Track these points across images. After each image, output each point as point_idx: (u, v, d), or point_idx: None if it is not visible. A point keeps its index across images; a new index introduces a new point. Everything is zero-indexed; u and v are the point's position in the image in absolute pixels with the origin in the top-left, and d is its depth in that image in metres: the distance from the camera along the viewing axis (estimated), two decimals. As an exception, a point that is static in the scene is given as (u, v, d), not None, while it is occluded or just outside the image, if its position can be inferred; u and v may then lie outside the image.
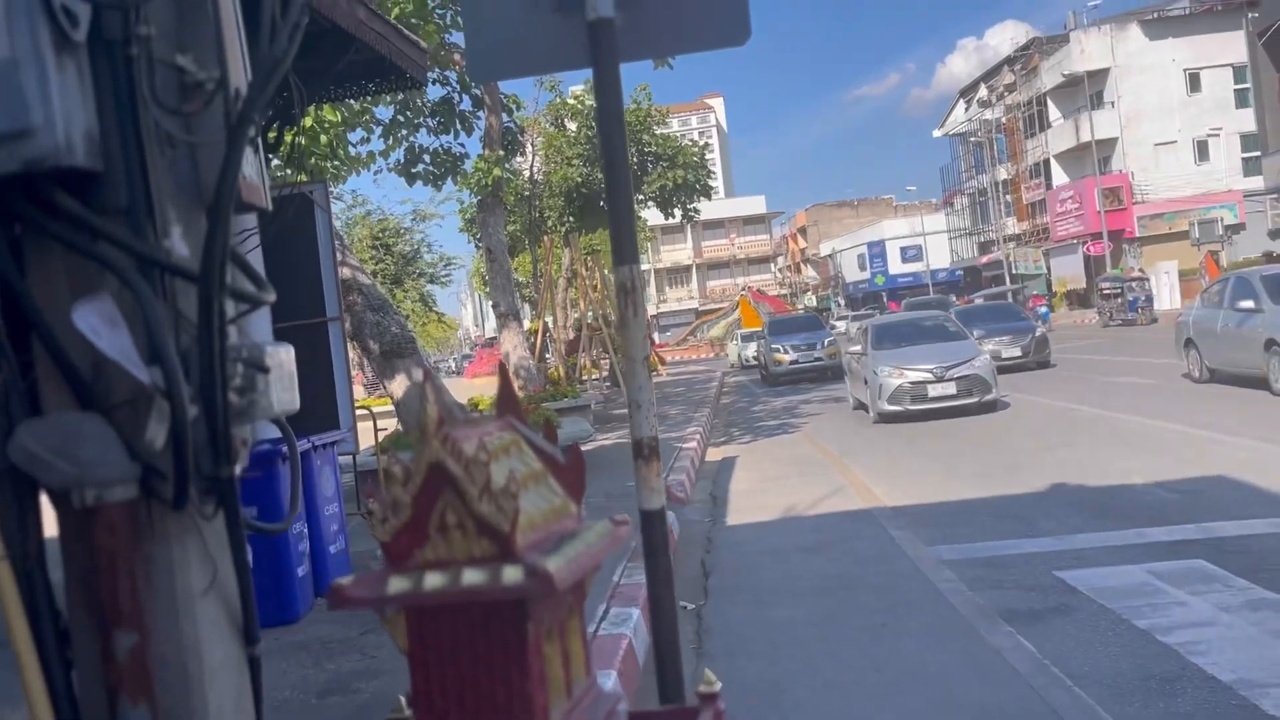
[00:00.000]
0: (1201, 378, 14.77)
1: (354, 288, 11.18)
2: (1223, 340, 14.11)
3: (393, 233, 30.70)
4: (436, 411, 1.43)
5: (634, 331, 2.34)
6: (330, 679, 4.92)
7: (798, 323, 29.70)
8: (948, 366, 14.37)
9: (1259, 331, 12.95)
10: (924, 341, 15.66)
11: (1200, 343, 14.80)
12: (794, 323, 29.69)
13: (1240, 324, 13.52)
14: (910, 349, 15.28)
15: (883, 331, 16.60)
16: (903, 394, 14.27)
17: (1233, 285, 14.31)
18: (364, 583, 1.42)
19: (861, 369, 15.64)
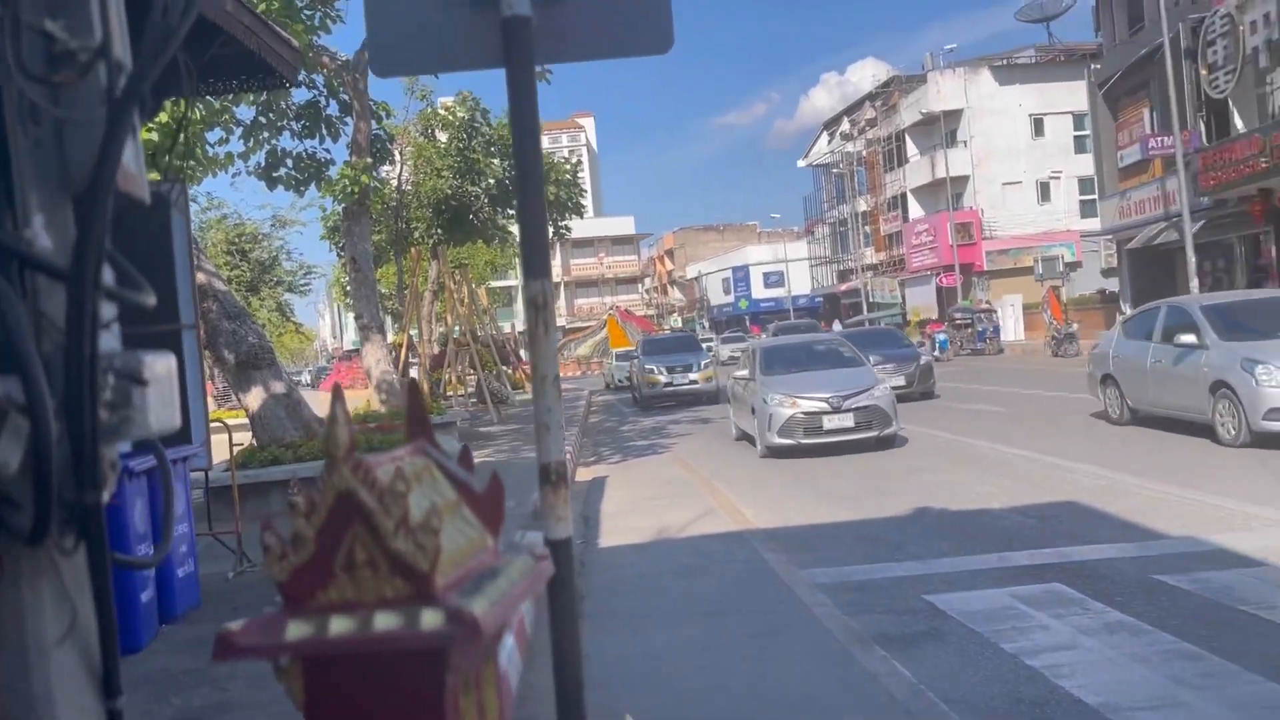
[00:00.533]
0: (1121, 418, 13.25)
1: (209, 294, 10.62)
2: (1153, 378, 12.39)
3: (250, 238, 29.51)
4: (347, 434, 1.26)
5: (545, 348, 2.20)
6: (177, 715, 4.56)
7: (673, 343, 28.11)
8: (845, 396, 13.00)
9: (1203, 371, 11.21)
10: (818, 367, 14.43)
11: (1123, 379, 13.18)
12: (669, 343, 28.11)
13: (1178, 361, 11.79)
14: (803, 375, 14.02)
15: (773, 355, 15.14)
16: (795, 426, 12.89)
17: (1165, 316, 12.58)
18: (256, 628, 1.24)
19: (748, 396, 14.22)
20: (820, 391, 13.08)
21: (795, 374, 14.05)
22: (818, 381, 13.54)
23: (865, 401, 12.96)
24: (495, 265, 41.34)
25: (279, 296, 31.96)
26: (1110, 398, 13.56)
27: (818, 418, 12.88)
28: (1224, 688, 4.38)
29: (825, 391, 13.05)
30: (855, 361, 14.71)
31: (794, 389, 13.26)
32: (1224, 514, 7.70)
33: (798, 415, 12.91)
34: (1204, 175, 25.56)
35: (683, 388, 24.36)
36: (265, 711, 4.42)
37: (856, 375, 13.86)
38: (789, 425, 12.90)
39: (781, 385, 13.47)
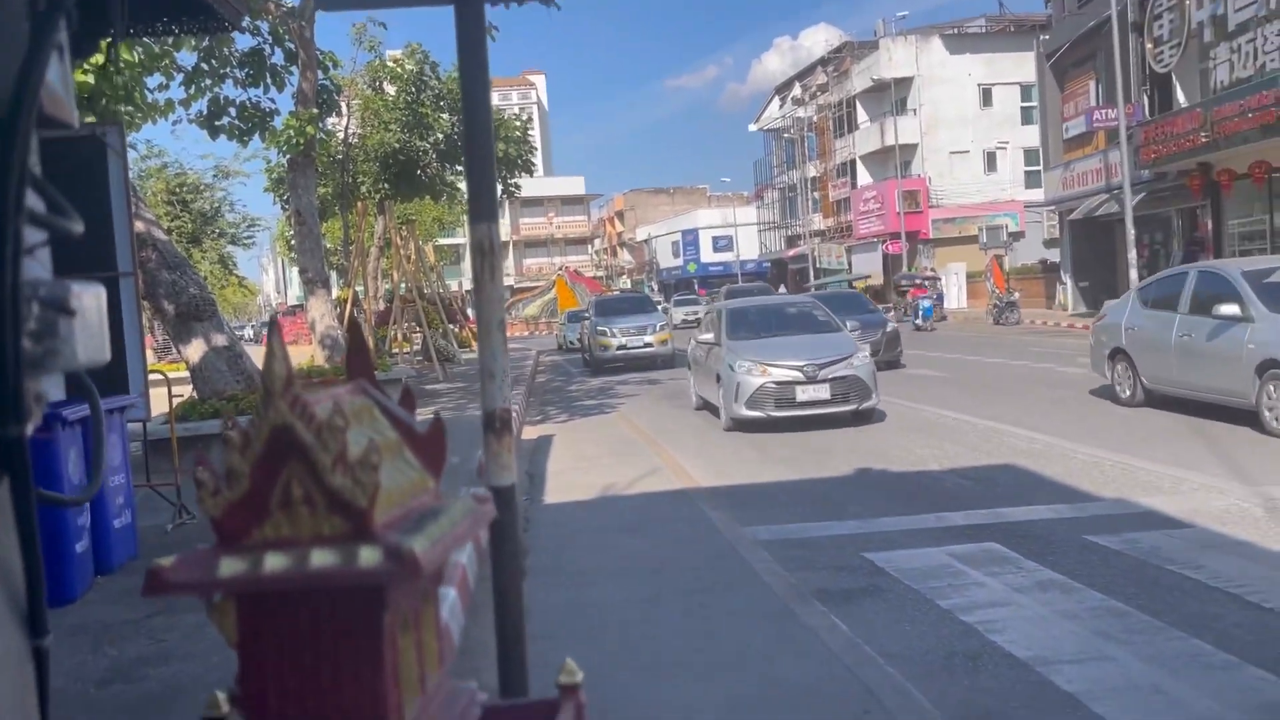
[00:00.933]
0: (1133, 399, 11.70)
1: (148, 243, 10.37)
2: (1178, 355, 10.82)
3: (191, 188, 28.78)
4: (285, 368, 1.23)
5: (490, 294, 2.17)
6: (112, 665, 4.50)
7: (627, 304, 26.38)
8: (821, 364, 11.75)
9: (1248, 349, 9.57)
10: (790, 331, 13.13)
11: (1138, 355, 11.59)
12: (623, 303, 26.44)
13: (1213, 336, 10.16)
14: (774, 341, 12.73)
15: (740, 318, 13.76)
16: (765, 397, 11.70)
17: (1196, 282, 10.91)
18: (188, 564, 1.22)
19: (712, 363, 12.94)
20: (793, 359, 11.86)
21: (765, 339, 12.83)
22: (791, 348, 12.30)
23: (843, 371, 11.74)
24: (443, 222, 40.84)
25: (221, 249, 31.30)
26: (1120, 375, 11.99)
27: (790, 388, 11.68)
28: (1148, 643, 4.53)
29: (799, 359, 11.84)
30: (831, 326, 13.43)
31: (764, 356, 12.02)
32: (1153, 477, 7.92)
33: (768, 385, 11.70)
34: (1146, 148, 26.00)
35: (637, 351, 23.05)
36: (202, 662, 4.38)
37: (833, 342, 12.59)
38: (758, 396, 11.73)
39: (750, 351, 12.24)
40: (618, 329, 23.22)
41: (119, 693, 4.15)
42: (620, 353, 23.02)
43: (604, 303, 26.81)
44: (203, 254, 28.76)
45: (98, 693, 4.17)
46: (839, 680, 4.18)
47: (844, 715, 3.80)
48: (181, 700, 3.99)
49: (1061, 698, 4.02)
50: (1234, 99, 22.60)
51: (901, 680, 4.18)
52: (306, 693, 1.27)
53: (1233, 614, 4.84)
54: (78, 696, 4.10)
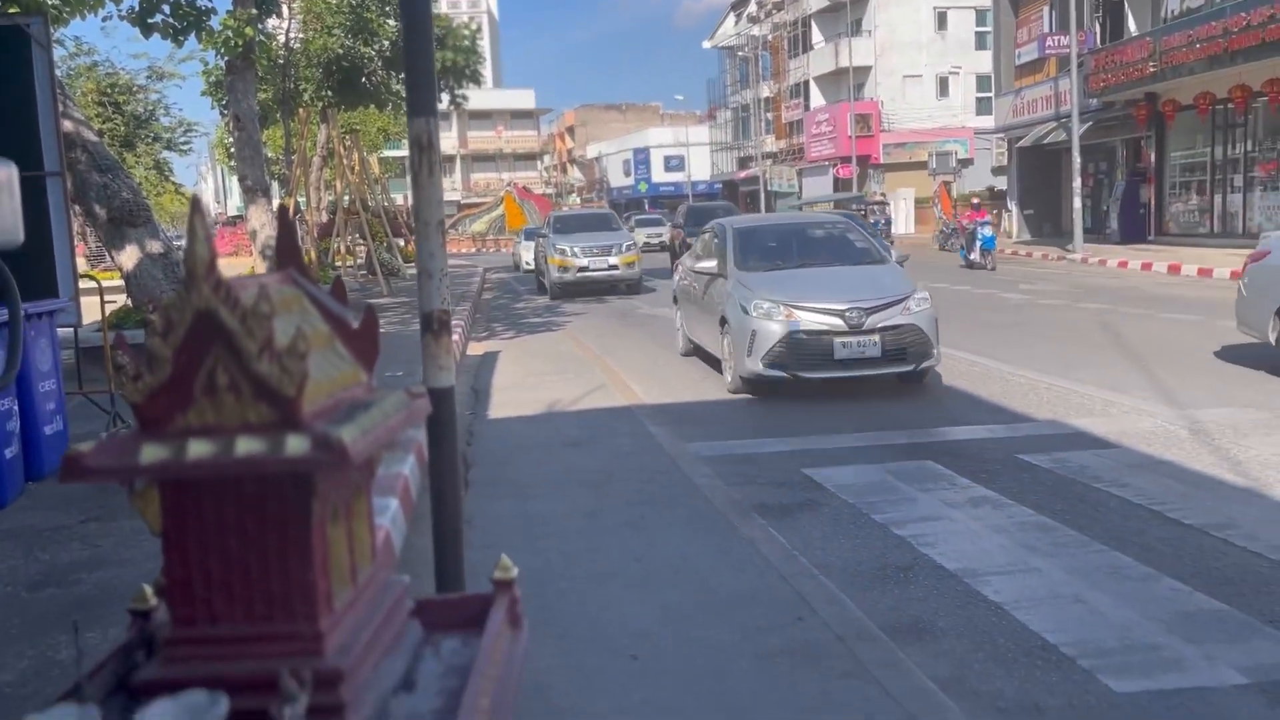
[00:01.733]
0: None
1: (77, 143, 9.99)
2: None
3: (124, 89, 27.65)
4: (208, 250, 1.19)
5: (429, 193, 2.12)
6: (44, 570, 4.45)
7: (589, 220, 23.59)
8: (868, 308, 8.55)
9: None
10: (820, 261, 9.91)
11: None
12: (585, 220, 23.65)
13: None
14: (802, 274, 9.44)
15: (752, 241, 10.25)
16: (792, 350, 8.49)
17: None
18: (108, 450, 1.18)
19: (713, 300, 9.81)
20: (830, 299, 8.67)
21: (788, 271, 9.59)
22: (825, 284, 9.13)
23: (898, 318, 8.56)
24: (388, 133, 39.88)
25: (156, 154, 30.26)
26: None
27: (826, 340, 8.48)
28: (1072, 556, 4.69)
29: (838, 300, 8.64)
30: (873, 255, 10.09)
31: (790, 293, 8.83)
32: (1085, 400, 8.12)
33: (797, 335, 8.50)
34: (1095, 77, 26.13)
35: (600, 274, 20.54)
36: (137, 569, 4.35)
37: (880, 277, 9.36)
38: (781, 349, 8.51)
39: (771, 287, 9.01)
40: (579, 249, 20.70)
41: (51, 596, 4.11)
42: (581, 275, 20.49)
43: (564, 219, 23.92)
44: (136, 159, 27.79)
45: (30, 595, 4.12)
46: (774, 590, 4.28)
47: (777, 622, 3.90)
48: (115, 604, 3.96)
49: (988, 607, 4.15)
50: (1183, 29, 22.72)
51: (835, 590, 4.29)
52: (234, 582, 1.25)
53: (1154, 529, 5.03)
54: (9, 599, 4.06)
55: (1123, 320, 12.88)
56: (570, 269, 20.52)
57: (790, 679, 3.42)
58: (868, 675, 3.39)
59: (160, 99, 29.45)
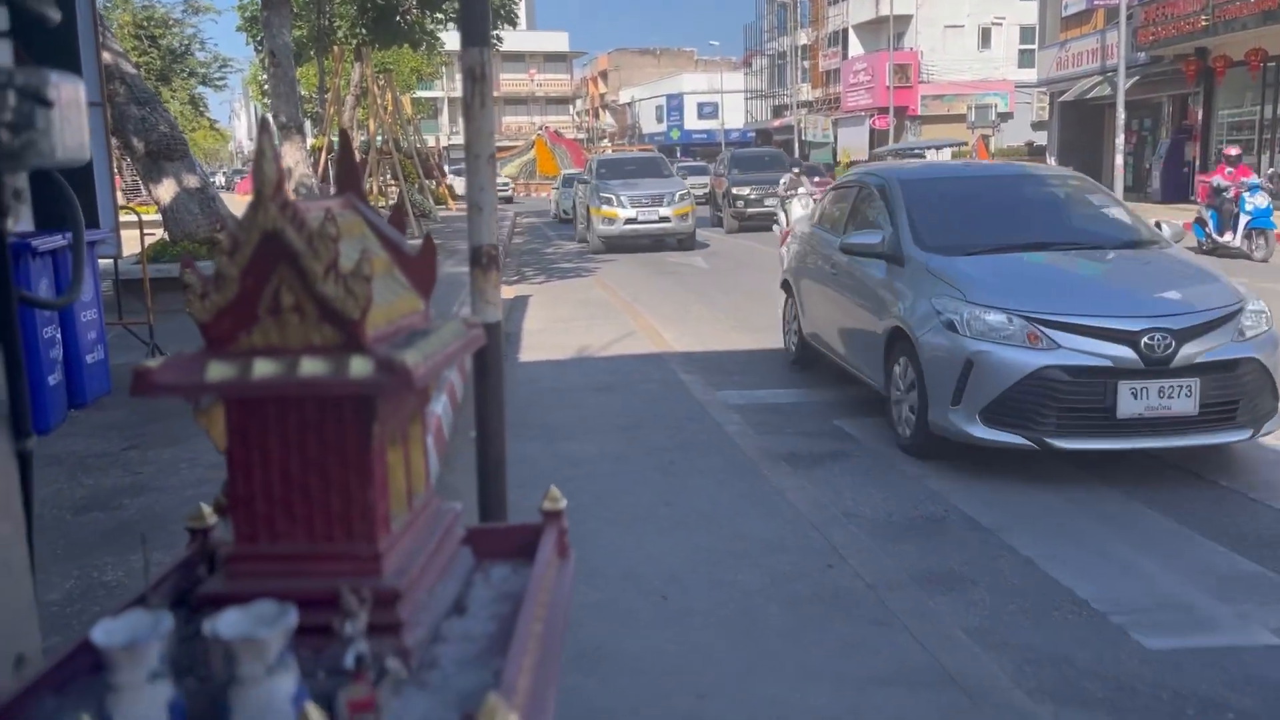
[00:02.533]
0: None
1: (116, 76, 10.01)
2: None
3: (160, 23, 27.62)
4: (276, 172, 1.19)
5: (481, 124, 2.11)
6: (88, 495, 4.54)
7: (638, 165, 21.06)
8: (1179, 330, 5.02)
9: None
10: (1061, 243, 6.11)
11: None
12: (633, 165, 21.11)
13: None
14: (1040, 267, 5.78)
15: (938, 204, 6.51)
16: (1045, 398, 5.00)
17: None
18: (176, 367, 1.20)
19: (878, 296, 6.19)
20: (1113, 313, 5.17)
21: (1019, 259, 5.88)
22: (1090, 285, 5.77)
23: (1227, 348, 5.10)
24: (421, 73, 39.61)
25: (192, 89, 30.29)
26: None
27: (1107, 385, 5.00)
28: (1109, 512, 4.67)
29: (1126, 315, 5.15)
30: (1143, 236, 6.35)
31: (1038, 300, 5.32)
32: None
33: (1054, 374, 5.02)
34: (1144, 30, 25.50)
35: (650, 226, 18.45)
36: (178, 495, 4.43)
37: (1182, 274, 5.81)
38: (1026, 397, 5.04)
39: (999, 287, 5.45)
40: (626, 198, 18.49)
41: (96, 520, 4.20)
42: (628, 228, 18.39)
43: (609, 163, 21.47)
44: (172, 93, 27.82)
45: (74, 519, 4.21)
46: (804, 537, 4.30)
47: (807, 569, 3.92)
48: (158, 528, 4.05)
49: (1019, 560, 4.16)
50: (1238, -17, 22.07)
51: (865, 538, 4.31)
52: (295, 501, 1.27)
53: (1190, 490, 4.99)
54: (55, 522, 4.15)
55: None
56: (616, 220, 18.39)
57: (819, 625, 3.45)
58: (898, 623, 3.42)
59: (196, 33, 29.44)
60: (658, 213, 18.44)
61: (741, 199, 22.45)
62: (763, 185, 21.72)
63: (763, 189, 21.61)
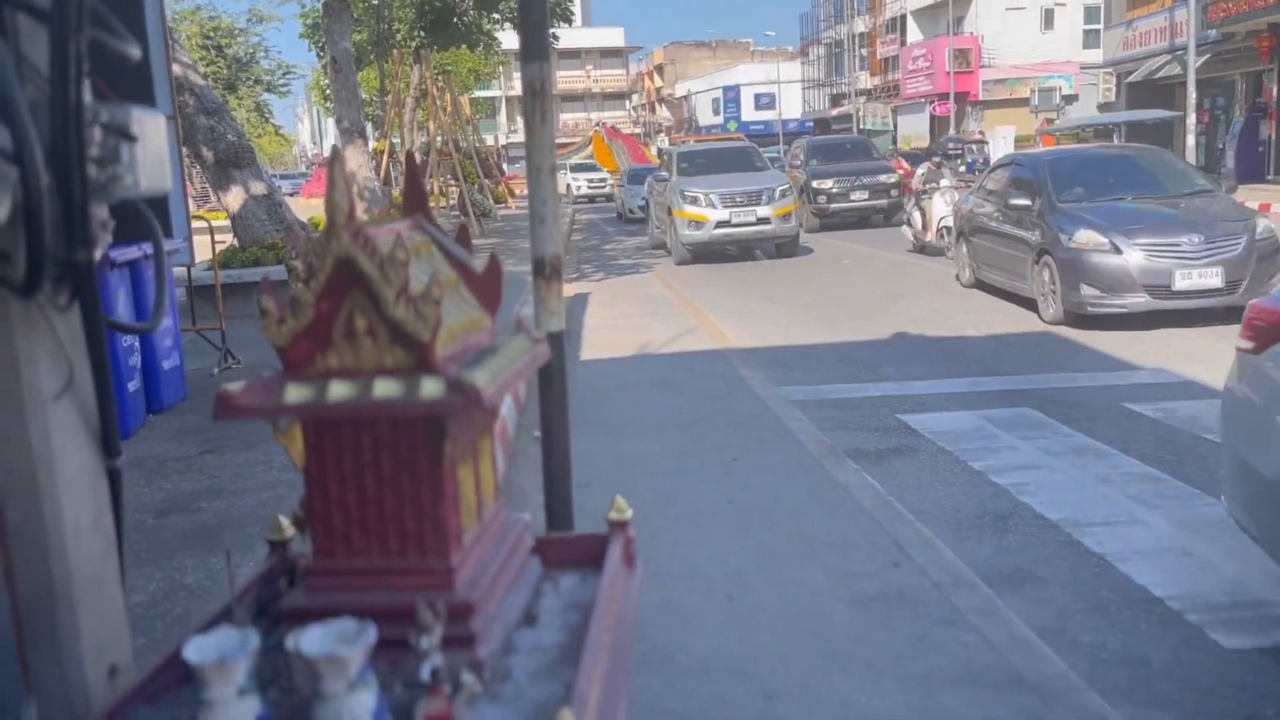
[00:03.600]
0: None
1: (186, 87, 10.27)
2: None
3: (226, 33, 28.26)
4: (348, 201, 1.23)
5: (542, 139, 2.14)
6: (168, 498, 4.68)
7: (725, 157, 17.56)
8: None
9: None
10: None
11: None
12: (719, 157, 17.56)
13: None
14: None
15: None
16: None
17: None
18: (256, 390, 1.24)
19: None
20: None
21: None
22: None
23: None
24: (479, 74, 39.93)
25: (257, 96, 30.95)
26: None
27: None
28: (1181, 507, 4.58)
29: None
30: None
31: None
32: (1196, 346, 7.83)
33: None
34: (1214, 6, 24.75)
35: (747, 230, 15.22)
36: (254, 498, 4.55)
37: None
38: None
39: None
40: (716, 196, 15.27)
41: (175, 523, 4.33)
42: (721, 233, 15.21)
43: (692, 155, 17.94)
44: (238, 101, 28.47)
45: (156, 522, 4.35)
46: (869, 535, 4.27)
47: (874, 567, 3.90)
48: (235, 531, 4.17)
49: (1090, 558, 4.09)
50: (1315, -46, 21.33)
51: (931, 536, 4.27)
52: (370, 518, 1.31)
53: (1266, 483, 4.86)
54: (136, 526, 4.29)
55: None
56: (704, 224, 15.22)
57: (887, 624, 3.43)
58: (966, 623, 3.38)
59: (260, 42, 30.06)
60: (755, 213, 15.14)
61: (823, 194, 19.66)
62: (847, 177, 19.67)
63: (847, 181, 19.61)
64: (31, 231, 1.17)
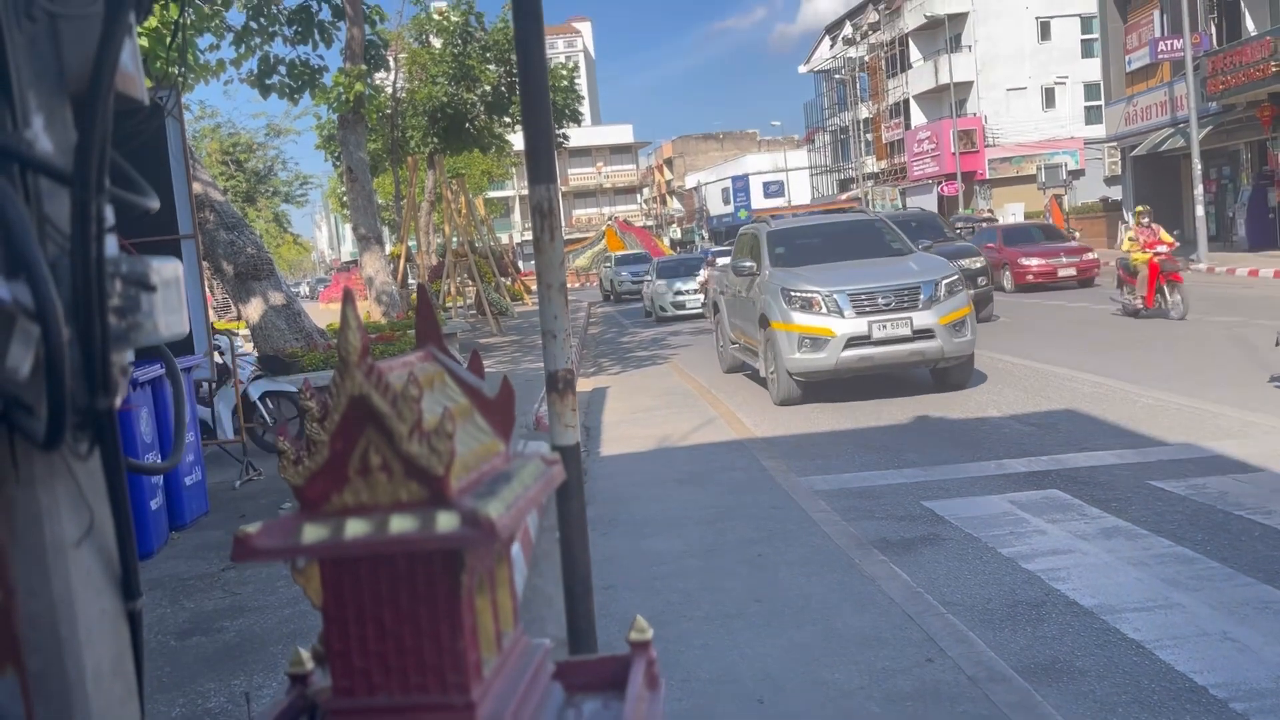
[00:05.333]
0: None
1: (206, 204, 10.53)
2: None
3: (245, 148, 29.07)
4: (360, 338, 1.25)
5: (550, 256, 2.18)
6: (191, 618, 4.65)
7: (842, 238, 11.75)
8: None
9: None
10: None
11: None
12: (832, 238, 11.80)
13: None
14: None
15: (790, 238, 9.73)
16: None
17: None
18: (273, 531, 1.25)
19: None
20: None
21: None
22: None
23: None
24: (492, 175, 40.82)
25: (275, 207, 31.68)
26: None
27: None
28: (1217, 589, 4.47)
29: None
30: None
31: None
32: (1222, 420, 7.75)
33: None
34: (1213, 79, 25.13)
35: (898, 349, 9.97)
36: (276, 615, 4.51)
37: None
38: None
39: None
40: (843, 296, 10.10)
41: (198, 644, 4.29)
42: (853, 355, 9.98)
43: (791, 235, 11.92)
44: (257, 212, 29.14)
45: (179, 644, 4.32)
46: (900, 629, 4.20)
47: (907, 663, 3.82)
48: (258, 651, 4.13)
49: (1128, 646, 3.99)
50: (1307, 25, 21.71)
51: (964, 629, 4.19)
52: (389, 652, 1.31)
53: (1305, 560, 4.76)
54: (160, 648, 4.26)
55: (1258, 334, 12.24)
56: (828, 342, 9.94)
57: (923, 724, 3.35)
58: (1004, 719, 3.29)
59: (278, 154, 30.90)
60: (910, 322, 9.87)
61: None
62: None
63: None
64: (53, 386, 1.20)
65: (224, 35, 13.98)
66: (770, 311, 10.42)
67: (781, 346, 10.12)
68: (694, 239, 74.20)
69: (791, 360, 10.06)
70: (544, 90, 2.15)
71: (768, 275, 10.85)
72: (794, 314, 10.10)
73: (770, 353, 10.50)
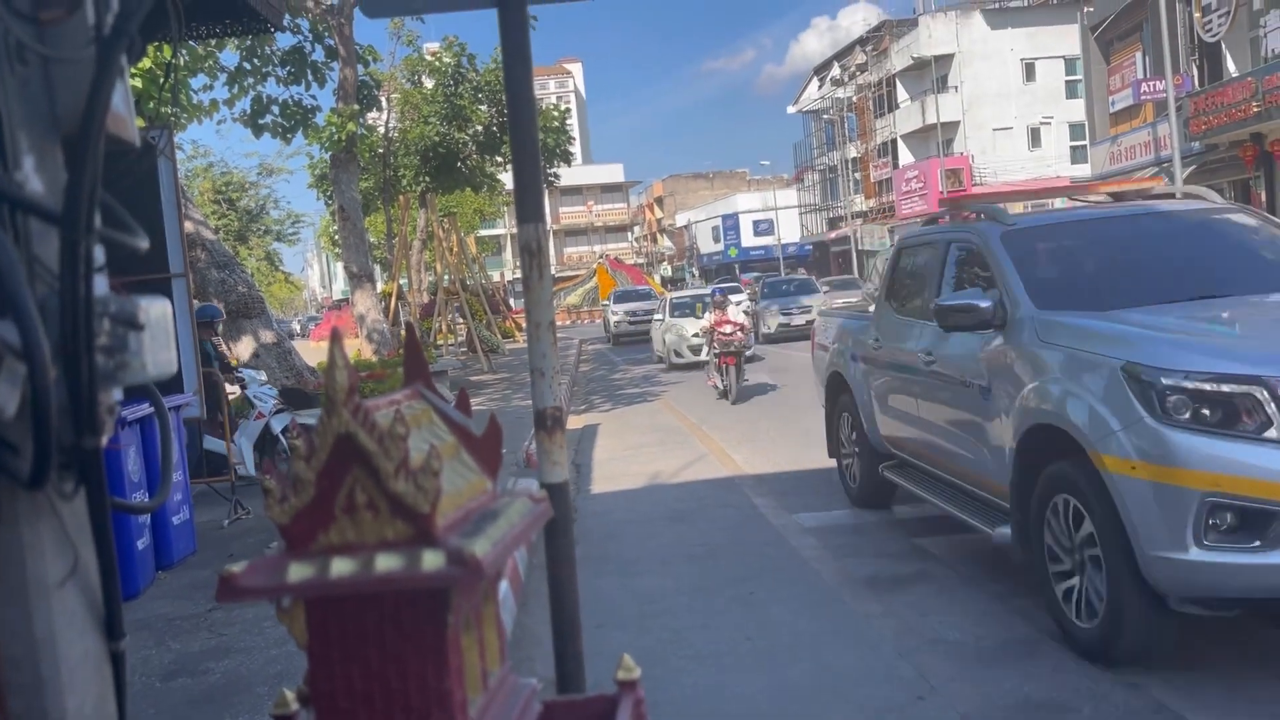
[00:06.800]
0: None
1: (197, 243, 10.55)
2: None
3: (237, 187, 29.19)
4: (347, 377, 1.26)
5: (539, 295, 2.19)
6: (176, 659, 4.61)
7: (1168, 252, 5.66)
8: None
9: None
10: None
11: None
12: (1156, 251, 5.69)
13: None
14: None
15: None
16: None
17: None
18: (259, 570, 1.25)
19: None
20: None
21: None
22: None
23: None
24: (483, 213, 41.03)
25: (267, 246, 31.75)
26: None
27: None
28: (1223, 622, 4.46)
29: None
30: None
31: None
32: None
33: None
34: (1195, 120, 25.46)
35: None
36: (262, 656, 4.47)
37: None
38: None
39: None
40: None
41: (184, 686, 4.25)
42: None
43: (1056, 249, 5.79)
44: (249, 251, 29.19)
45: (163, 686, 4.27)
46: (892, 667, 4.18)
47: (898, 701, 3.80)
48: (243, 693, 4.08)
49: (1122, 684, 3.97)
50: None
51: (956, 666, 4.17)
52: (374, 692, 1.30)
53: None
54: (144, 690, 4.21)
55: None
56: None
57: (914, 763, 3.32)
58: (996, 759, 3.27)
59: (270, 193, 31.07)
60: None
61: None
62: None
63: None
64: (39, 425, 1.20)
65: (217, 75, 14.09)
66: (1092, 424, 4.04)
67: (1157, 535, 3.72)
68: (684, 276, 74.52)
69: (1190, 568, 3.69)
70: (533, 130, 2.17)
71: (1053, 327, 4.65)
72: (1193, 440, 3.68)
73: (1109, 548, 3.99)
